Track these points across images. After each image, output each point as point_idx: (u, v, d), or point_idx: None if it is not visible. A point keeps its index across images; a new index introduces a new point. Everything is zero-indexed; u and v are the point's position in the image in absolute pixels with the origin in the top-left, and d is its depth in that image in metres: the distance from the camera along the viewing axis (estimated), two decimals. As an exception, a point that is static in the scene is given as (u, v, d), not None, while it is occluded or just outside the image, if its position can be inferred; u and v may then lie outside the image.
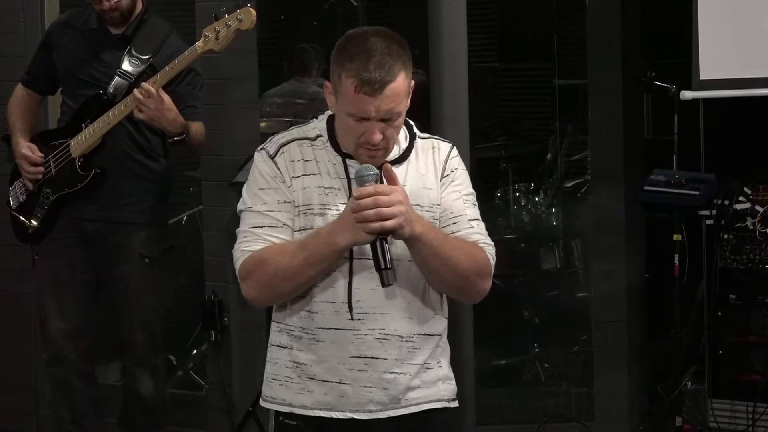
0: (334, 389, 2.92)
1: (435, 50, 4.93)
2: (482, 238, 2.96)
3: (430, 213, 2.94)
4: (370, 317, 2.89)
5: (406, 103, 2.89)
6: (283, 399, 2.99)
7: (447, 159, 3.00)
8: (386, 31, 2.89)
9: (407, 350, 2.92)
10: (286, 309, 2.96)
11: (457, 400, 3.07)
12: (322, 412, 2.93)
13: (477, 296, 3.00)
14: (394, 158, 2.95)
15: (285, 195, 2.93)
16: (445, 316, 3.02)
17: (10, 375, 5.81)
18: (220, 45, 4.38)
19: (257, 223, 2.94)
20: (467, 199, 2.99)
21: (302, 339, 2.94)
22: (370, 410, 2.92)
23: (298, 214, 2.92)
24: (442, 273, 2.88)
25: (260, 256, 2.89)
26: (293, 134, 2.99)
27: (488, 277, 2.95)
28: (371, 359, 2.90)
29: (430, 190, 2.95)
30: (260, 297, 2.93)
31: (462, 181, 3.00)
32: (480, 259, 2.92)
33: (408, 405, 2.94)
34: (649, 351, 5.76)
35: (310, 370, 2.93)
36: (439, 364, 3.00)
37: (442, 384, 3.01)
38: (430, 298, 2.96)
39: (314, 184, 2.91)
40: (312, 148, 2.95)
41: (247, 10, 4.36)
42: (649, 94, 5.96)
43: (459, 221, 2.95)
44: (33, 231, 4.76)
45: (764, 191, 5.29)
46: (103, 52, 4.64)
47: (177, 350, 6.22)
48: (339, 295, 2.89)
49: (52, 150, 4.69)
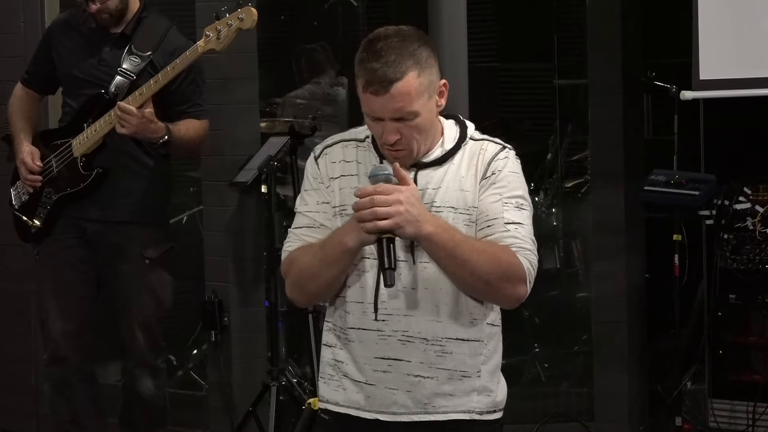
0: (363, 389, 2.92)
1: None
2: (518, 242, 2.84)
3: (465, 215, 2.88)
4: (394, 318, 2.87)
5: (428, 102, 2.84)
6: (323, 395, 3.01)
7: (491, 161, 2.92)
8: (408, 30, 2.86)
9: (435, 354, 2.88)
10: (332, 307, 2.98)
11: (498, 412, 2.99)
12: (351, 410, 2.94)
13: (507, 301, 2.89)
14: (435, 159, 2.91)
15: (324, 196, 2.94)
16: (488, 322, 2.95)
17: (10, 375, 5.81)
18: (221, 44, 4.39)
19: (298, 224, 2.97)
20: (509, 201, 2.88)
21: (340, 338, 2.96)
22: (394, 412, 2.90)
23: (335, 215, 2.93)
24: (459, 275, 2.82)
25: (292, 256, 2.93)
26: (344, 135, 3.00)
27: (520, 283, 2.83)
28: (395, 360, 2.88)
29: (466, 192, 2.89)
30: (294, 296, 2.96)
31: (506, 183, 2.90)
32: (506, 262, 2.82)
33: (434, 412, 2.90)
34: (649, 351, 5.76)
35: (345, 368, 2.94)
36: (478, 373, 2.93)
37: (478, 395, 2.94)
38: (466, 302, 2.90)
39: (351, 185, 2.91)
40: (357, 149, 2.96)
41: (248, 9, 4.36)
42: (649, 94, 5.95)
43: (494, 224, 2.86)
44: (35, 231, 4.76)
45: (764, 191, 5.29)
46: (103, 51, 4.64)
47: (177, 350, 6.22)
48: (367, 295, 2.89)
49: (54, 150, 4.69)
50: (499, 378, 3.01)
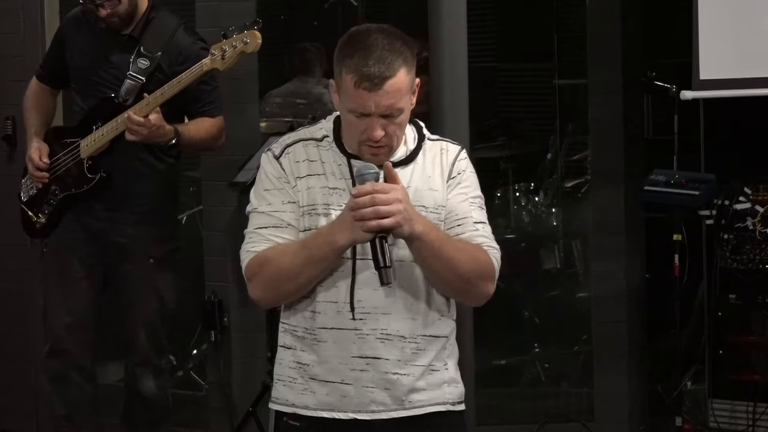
0: (337, 390, 2.91)
1: (435, 50, 4.92)
2: (487, 241, 2.94)
3: (435, 214, 2.93)
4: (372, 317, 2.89)
5: (410, 100, 2.88)
6: (286, 399, 2.99)
7: (455, 161, 2.98)
8: (389, 28, 2.89)
9: (410, 351, 2.91)
10: (291, 309, 2.97)
11: (463, 403, 3.05)
12: (324, 412, 2.93)
13: (479, 299, 2.97)
14: (401, 159, 2.94)
15: (289, 195, 2.93)
16: (452, 319, 3.01)
17: (10, 375, 5.81)
18: (225, 65, 4.46)
19: (262, 224, 2.94)
20: (473, 201, 2.97)
21: (305, 339, 2.94)
22: (372, 410, 2.91)
23: (302, 215, 2.92)
24: (443, 274, 2.87)
25: (264, 256, 2.91)
26: (300, 135, 3.00)
27: (491, 281, 2.93)
28: (373, 359, 2.89)
29: (435, 191, 2.94)
30: (265, 297, 2.94)
31: (469, 183, 2.98)
32: (483, 261, 2.90)
33: (411, 407, 2.93)
34: (649, 351, 5.76)
35: (312, 371, 2.94)
36: (445, 366, 2.99)
37: (448, 387, 2.99)
38: (435, 300, 2.95)
39: (319, 184, 2.92)
40: (318, 149, 2.96)
41: (252, 33, 4.42)
42: (649, 94, 5.95)
43: (464, 223, 2.93)
44: (40, 227, 4.78)
45: (764, 191, 5.29)
46: (112, 54, 4.65)
47: (177, 350, 6.22)
48: (341, 294, 2.89)
49: (64, 148, 4.71)
50: (458, 371, 3.07)
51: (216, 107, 4.75)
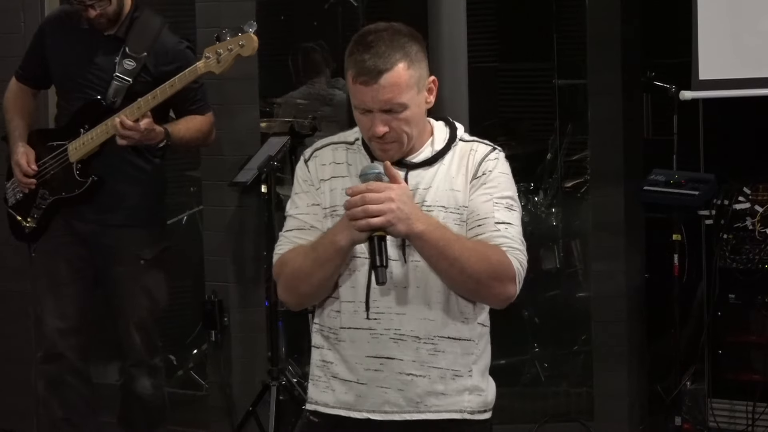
0: (353, 389, 2.93)
1: (435, 50, 4.93)
2: (508, 241, 2.88)
3: (455, 215, 2.90)
4: (386, 317, 2.89)
5: (417, 96, 2.87)
6: (311, 397, 3.02)
7: (482, 161, 2.94)
8: (397, 26, 2.90)
9: (427, 352, 2.89)
10: (320, 308, 3.00)
11: (488, 411, 3.00)
12: (341, 411, 2.94)
13: (497, 300, 2.92)
14: (425, 159, 2.94)
15: (314, 198, 2.96)
16: (480, 323, 2.97)
17: (10, 375, 5.81)
18: (220, 68, 4.40)
19: (289, 227, 2.99)
20: (499, 201, 2.91)
21: (329, 338, 2.97)
22: (385, 411, 2.91)
23: (325, 216, 2.94)
24: (450, 273, 2.84)
25: (283, 258, 2.95)
26: (332, 138, 3.03)
27: (510, 282, 2.87)
28: (387, 359, 2.89)
29: (457, 192, 2.92)
30: (287, 298, 2.98)
31: (497, 184, 2.93)
32: (496, 261, 2.85)
33: (426, 411, 2.91)
34: (649, 351, 5.76)
35: (334, 369, 2.96)
36: (469, 372, 2.95)
37: (469, 395, 2.95)
38: (458, 302, 2.92)
39: (341, 186, 2.93)
40: (347, 152, 2.98)
41: (249, 37, 4.35)
42: (649, 94, 5.96)
43: (484, 223, 2.89)
44: (29, 231, 4.76)
45: (764, 191, 5.29)
46: (96, 55, 4.61)
47: (177, 350, 6.22)
48: (358, 294, 2.90)
49: (50, 151, 4.68)
50: (488, 378, 3.03)
51: (204, 104, 4.73)
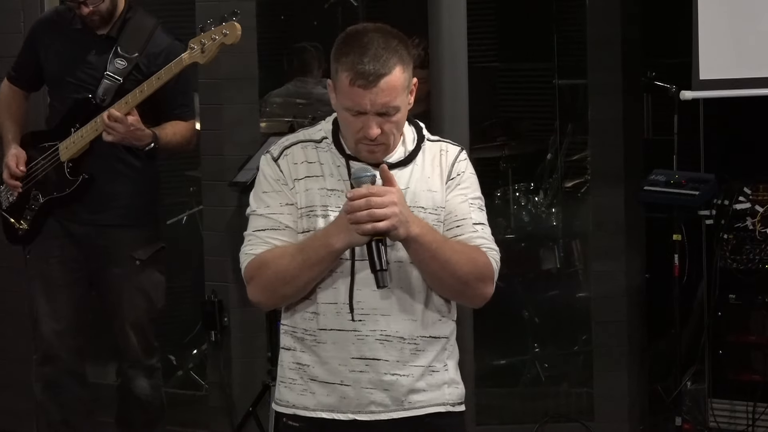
0: (336, 391, 2.92)
1: (435, 50, 4.93)
2: (486, 242, 2.93)
3: (434, 215, 2.92)
4: (371, 318, 2.89)
5: (406, 99, 2.88)
6: (287, 401, 3.00)
7: (454, 162, 2.97)
8: (385, 27, 2.90)
9: (410, 352, 2.91)
10: (291, 310, 2.97)
11: (464, 404, 3.05)
12: (324, 413, 2.93)
13: (478, 300, 2.97)
14: (399, 160, 2.94)
15: (287, 197, 2.93)
16: (452, 320, 3.00)
17: (10, 375, 5.81)
18: (205, 58, 4.41)
19: (260, 226, 2.95)
20: (473, 202, 2.96)
21: (305, 340, 2.94)
22: (371, 411, 2.91)
23: (300, 217, 2.92)
24: (440, 276, 2.87)
25: (261, 259, 2.91)
26: (298, 136, 3.00)
27: (490, 282, 2.93)
28: (372, 360, 2.89)
29: (434, 192, 2.94)
30: (264, 300, 2.95)
31: (469, 184, 2.97)
32: (481, 263, 2.89)
33: (411, 408, 2.93)
34: (649, 351, 5.76)
35: (312, 372, 2.94)
36: (445, 367, 2.98)
37: (448, 388, 2.99)
38: (435, 301, 2.94)
39: (317, 186, 2.91)
40: (317, 150, 2.96)
41: (231, 25, 4.37)
42: (649, 94, 5.96)
43: (463, 224, 2.93)
44: (23, 233, 4.76)
45: (764, 191, 5.29)
46: (89, 54, 4.61)
47: (177, 350, 6.22)
48: (341, 296, 2.89)
49: (42, 152, 4.68)
50: (459, 372, 3.06)
51: (190, 111, 4.73)
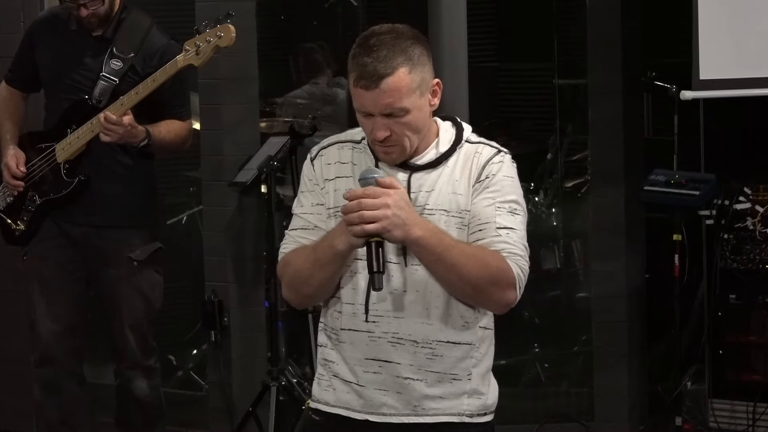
0: (353, 389, 2.93)
1: (435, 50, 4.90)
2: (509, 247, 2.85)
3: (457, 218, 2.88)
4: (384, 320, 2.88)
5: (418, 100, 2.84)
6: (314, 395, 3.02)
7: (486, 164, 2.90)
8: (401, 27, 2.87)
9: (424, 356, 2.88)
10: (325, 308, 2.99)
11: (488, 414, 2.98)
12: (341, 410, 2.95)
13: (496, 306, 2.90)
14: (429, 162, 2.91)
15: (318, 197, 2.95)
16: (481, 326, 2.95)
17: (9, 375, 5.81)
18: (200, 60, 4.43)
19: (294, 226, 2.98)
20: (502, 206, 2.87)
21: (332, 338, 2.97)
22: (383, 413, 2.91)
23: (329, 217, 2.93)
24: (449, 279, 2.83)
25: (287, 258, 2.95)
26: (339, 137, 3.00)
27: (510, 288, 2.85)
28: (386, 362, 2.89)
29: (459, 195, 2.89)
30: (290, 298, 2.98)
31: (500, 188, 2.88)
32: (495, 267, 2.82)
33: (423, 414, 2.90)
34: (649, 351, 5.76)
35: (335, 369, 2.95)
36: (468, 376, 2.93)
37: (468, 398, 2.93)
38: (458, 306, 2.90)
39: (346, 186, 2.90)
40: (353, 151, 2.95)
41: (226, 27, 4.40)
42: (649, 94, 5.96)
43: (485, 228, 2.86)
44: (19, 234, 4.76)
45: (764, 191, 5.29)
46: (85, 56, 4.61)
47: (177, 350, 6.22)
48: (358, 297, 2.90)
49: (39, 153, 4.68)
50: (490, 380, 3.00)
51: (186, 111, 4.73)
